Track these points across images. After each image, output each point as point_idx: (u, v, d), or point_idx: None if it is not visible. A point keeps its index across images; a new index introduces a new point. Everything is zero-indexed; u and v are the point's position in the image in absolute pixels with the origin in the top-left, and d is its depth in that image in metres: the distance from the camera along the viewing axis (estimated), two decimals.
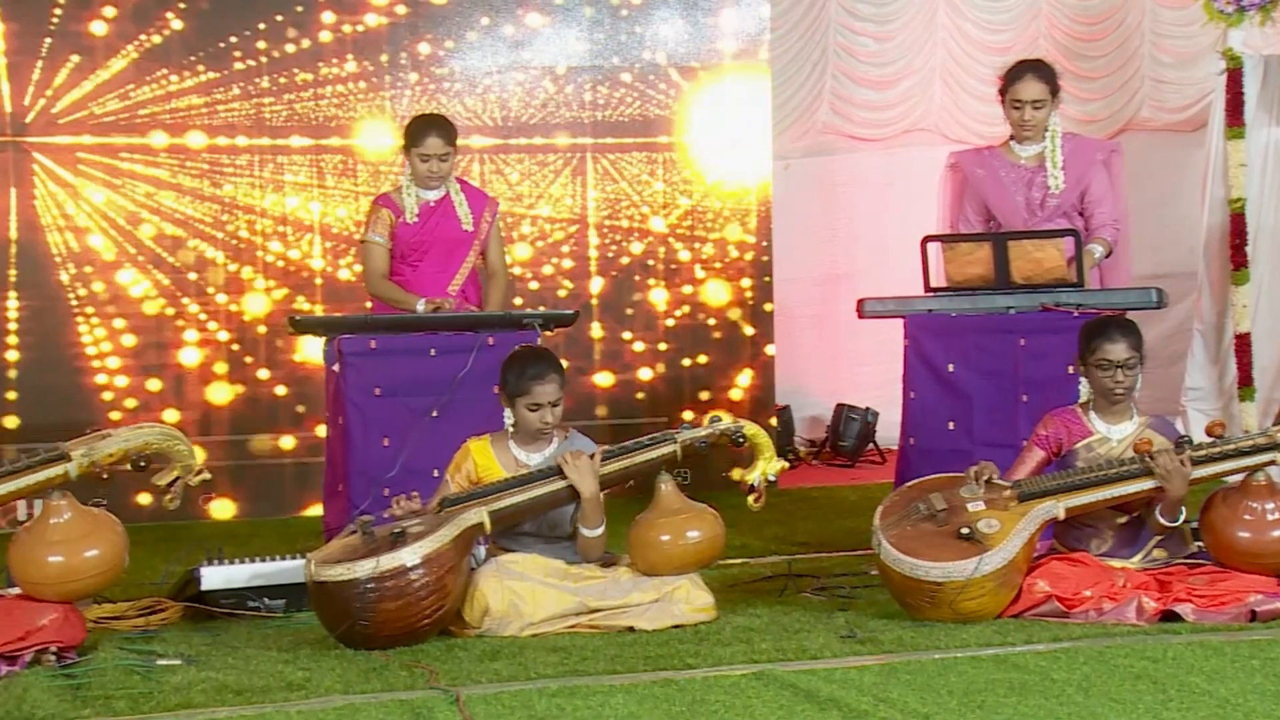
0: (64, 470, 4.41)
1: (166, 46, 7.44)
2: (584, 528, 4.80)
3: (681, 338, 8.12)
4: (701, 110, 8.11)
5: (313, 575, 4.49)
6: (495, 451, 4.94)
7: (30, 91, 7.27)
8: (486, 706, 3.77)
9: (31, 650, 4.24)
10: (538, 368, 4.87)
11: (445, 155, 5.96)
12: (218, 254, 7.53)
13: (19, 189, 7.28)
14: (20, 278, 7.28)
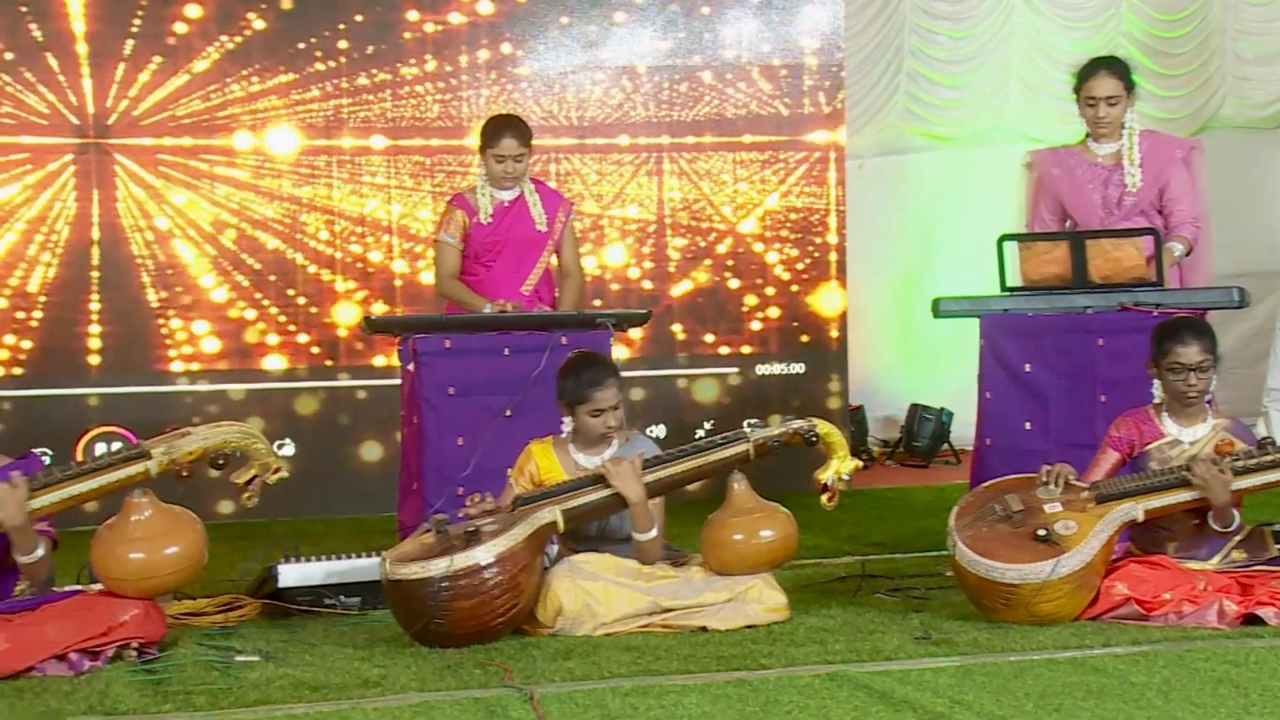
0: (145, 468, 4.46)
1: (248, 47, 7.52)
2: (635, 532, 4.80)
3: (756, 337, 8.10)
4: (777, 109, 8.10)
5: (388, 573, 4.52)
6: (557, 453, 4.95)
7: (113, 93, 7.37)
8: (560, 705, 3.77)
9: (113, 646, 4.29)
10: (594, 373, 4.88)
11: (520, 156, 5.99)
12: (297, 255, 7.61)
13: (101, 191, 7.38)
14: (102, 279, 7.39)
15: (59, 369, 7.32)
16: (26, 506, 4.30)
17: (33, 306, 7.30)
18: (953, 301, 5.87)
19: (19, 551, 4.34)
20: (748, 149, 8.08)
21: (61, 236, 7.34)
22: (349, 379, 7.65)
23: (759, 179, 8.10)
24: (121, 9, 7.36)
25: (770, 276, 8.13)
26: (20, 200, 7.30)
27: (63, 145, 7.33)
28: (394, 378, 6.33)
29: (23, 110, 7.27)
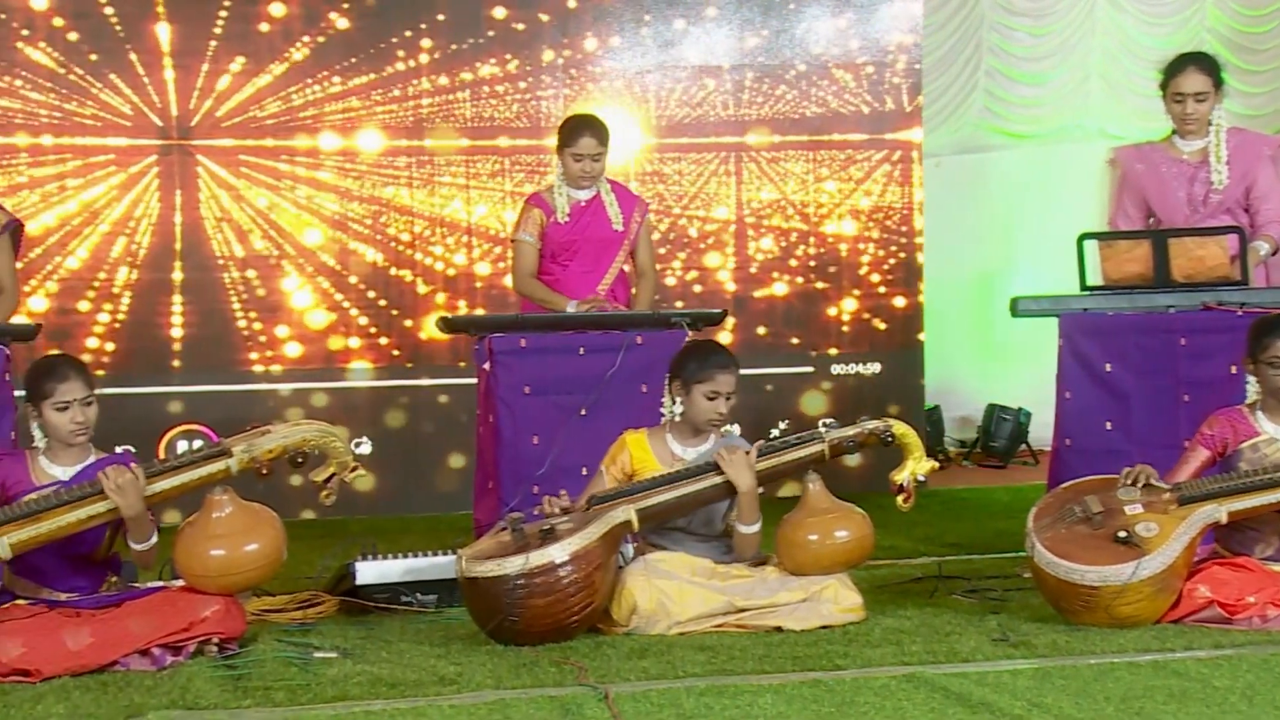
0: (226, 465, 4.51)
1: (329, 47, 7.58)
2: (740, 524, 4.78)
3: (832, 337, 8.07)
4: (856, 107, 8.06)
5: (464, 571, 4.55)
6: (652, 445, 4.95)
7: (195, 94, 7.46)
8: (635, 704, 3.78)
9: (195, 641, 4.34)
10: (722, 357, 4.89)
11: (598, 155, 6.00)
12: (377, 256, 7.67)
13: (184, 191, 7.48)
14: (185, 279, 7.48)
15: (142, 368, 7.42)
16: (145, 492, 4.38)
17: (116, 308, 7.41)
18: (1031, 301, 5.81)
19: (135, 539, 4.42)
20: (827, 148, 8.05)
21: (145, 238, 7.44)
22: (426, 377, 7.70)
23: (838, 178, 8.06)
24: (205, 9, 7.44)
25: (848, 276, 8.09)
26: (104, 202, 7.40)
27: (146, 146, 7.42)
28: (471, 377, 6.37)
29: (108, 112, 7.37)
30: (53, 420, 4.48)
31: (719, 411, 4.87)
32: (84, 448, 4.56)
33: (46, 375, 4.49)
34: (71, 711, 3.80)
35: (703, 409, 4.87)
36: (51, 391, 4.46)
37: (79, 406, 4.48)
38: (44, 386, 4.47)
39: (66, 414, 4.47)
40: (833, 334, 8.07)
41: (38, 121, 7.30)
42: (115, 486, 4.34)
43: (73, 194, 7.36)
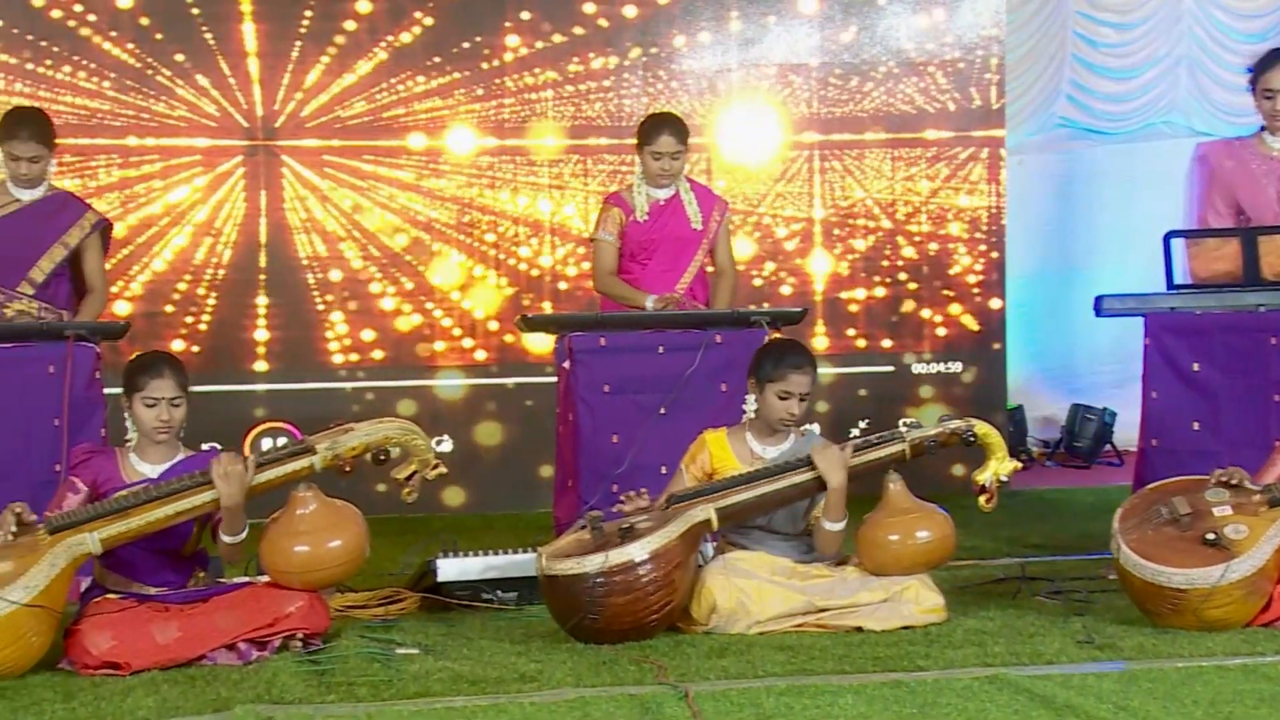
0: (309, 463, 4.55)
1: (414, 47, 7.63)
2: (827, 521, 4.76)
3: (912, 335, 8.02)
4: (935, 105, 8.01)
5: (544, 569, 4.56)
6: (732, 444, 4.94)
7: (280, 94, 7.53)
8: (715, 703, 3.77)
9: (280, 636, 4.39)
10: (797, 357, 4.86)
11: (678, 153, 6.00)
12: (459, 255, 7.71)
13: (269, 192, 7.56)
14: (269, 280, 7.56)
15: (227, 366, 7.51)
16: (249, 486, 4.43)
17: (202, 308, 7.50)
18: (1117, 300, 5.74)
19: (229, 531, 4.47)
20: (910, 146, 8.00)
21: (230, 238, 7.53)
22: (507, 377, 7.74)
23: (919, 176, 8.01)
24: (291, 8, 7.51)
25: (929, 274, 8.04)
26: (190, 203, 7.50)
27: (232, 147, 7.51)
28: (551, 376, 6.39)
29: (194, 112, 7.47)
30: (140, 415, 4.55)
31: (790, 412, 4.85)
32: (173, 446, 4.62)
33: (141, 370, 4.57)
34: (160, 704, 3.86)
35: (775, 408, 4.85)
36: (143, 386, 4.53)
37: (166, 405, 4.54)
38: (137, 380, 4.55)
39: (153, 411, 4.54)
40: (915, 333, 8.02)
41: (125, 122, 7.40)
42: (223, 473, 4.40)
43: (159, 195, 7.46)
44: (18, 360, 5.30)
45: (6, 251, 5.69)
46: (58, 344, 5.29)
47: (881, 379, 8.00)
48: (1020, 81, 9.06)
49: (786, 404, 4.84)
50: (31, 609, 4.13)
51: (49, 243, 5.72)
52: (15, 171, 5.65)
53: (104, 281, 5.92)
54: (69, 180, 7.07)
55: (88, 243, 5.81)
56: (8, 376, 5.27)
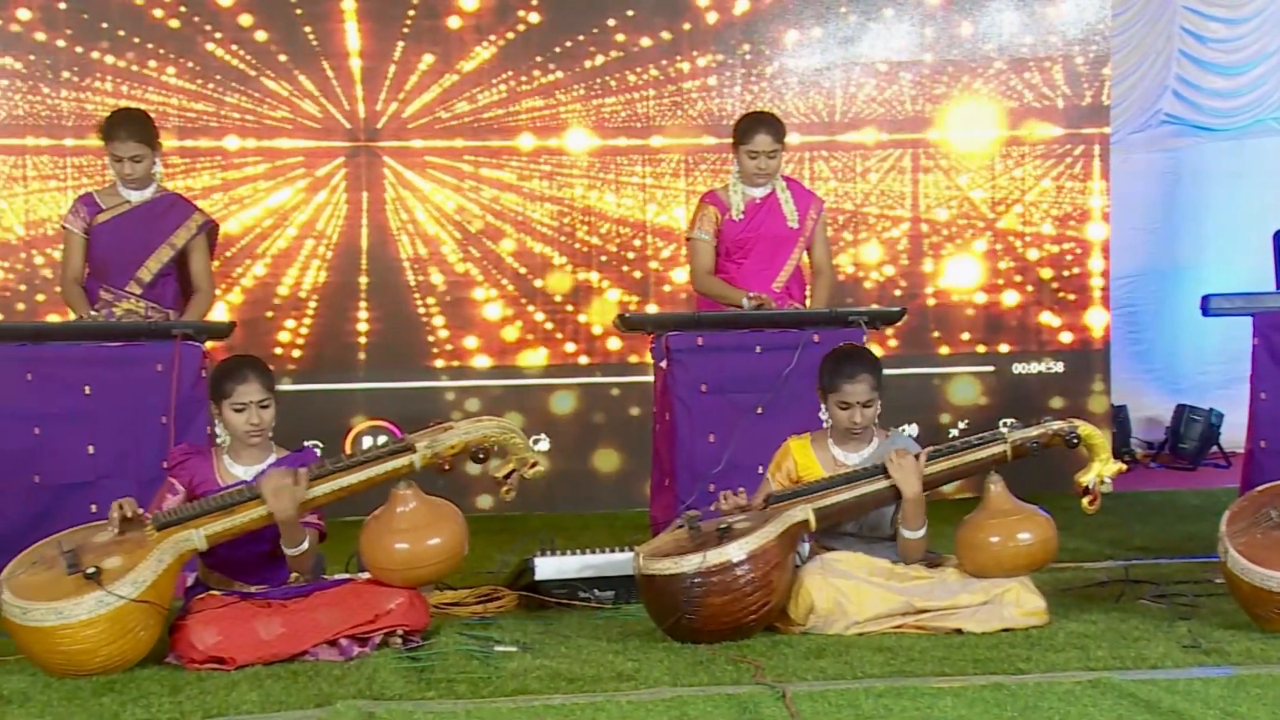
0: (409, 461, 4.60)
1: (517, 45, 7.62)
2: (905, 529, 4.74)
3: (1013, 335, 7.93)
4: (1040, 101, 7.91)
5: (641, 568, 4.57)
6: (815, 450, 4.92)
7: (383, 95, 7.58)
8: (813, 704, 3.76)
9: (380, 633, 4.44)
10: (851, 366, 4.83)
11: (774, 152, 5.99)
12: (556, 254, 7.73)
13: (370, 193, 7.63)
14: (370, 281, 7.62)
15: (328, 365, 7.59)
16: (302, 500, 4.48)
17: (304, 308, 7.57)
18: (1224, 299, 5.63)
19: (286, 544, 4.53)
20: (1008, 143, 7.91)
21: (332, 240, 7.61)
22: (604, 376, 7.76)
23: (1019, 173, 7.92)
24: (394, 8, 7.55)
25: (1030, 273, 7.94)
26: (293, 205, 7.59)
27: (334, 149, 7.58)
28: (648, 375, 6.40)
29: (297, 114, 7.55)
30: (230, 420, 4.61)
31: (853, 420, 4.82)
32: (265, 447, 4.68)
33: (226, 376, 4.62)
34: (264, 699, 3.92)
35: (838, 418, 4.85)
36: (230, 392, 4.59)
37: (255, 408, 4.60)
38: (223, 386, 4.61)
39: (243, 415, 4.59)
40: (1015, 332, 7.93)
41: (229, 124, 7.50)
42: (273, 490, 4.44)
43: (262, 197, 7.56)
44: (126, 359, 5.41)
45: (116, 252, 5.82)
46: (165, 343, 5.40)
47: (984, 379, 7.92)
48: (1126, 77, 8.92)
49: (848, 413, 4.82)
50: (139, 604, 4.21)
51: (157, 243, 5.84)
52: (120, 172, 5.77)
53: (210, 281, 6.02)
54: (173, 183, 7.19)
55: (194, 243, 5.91)
56: (117, 375, 5.38)
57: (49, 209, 7.31)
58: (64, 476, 5.32)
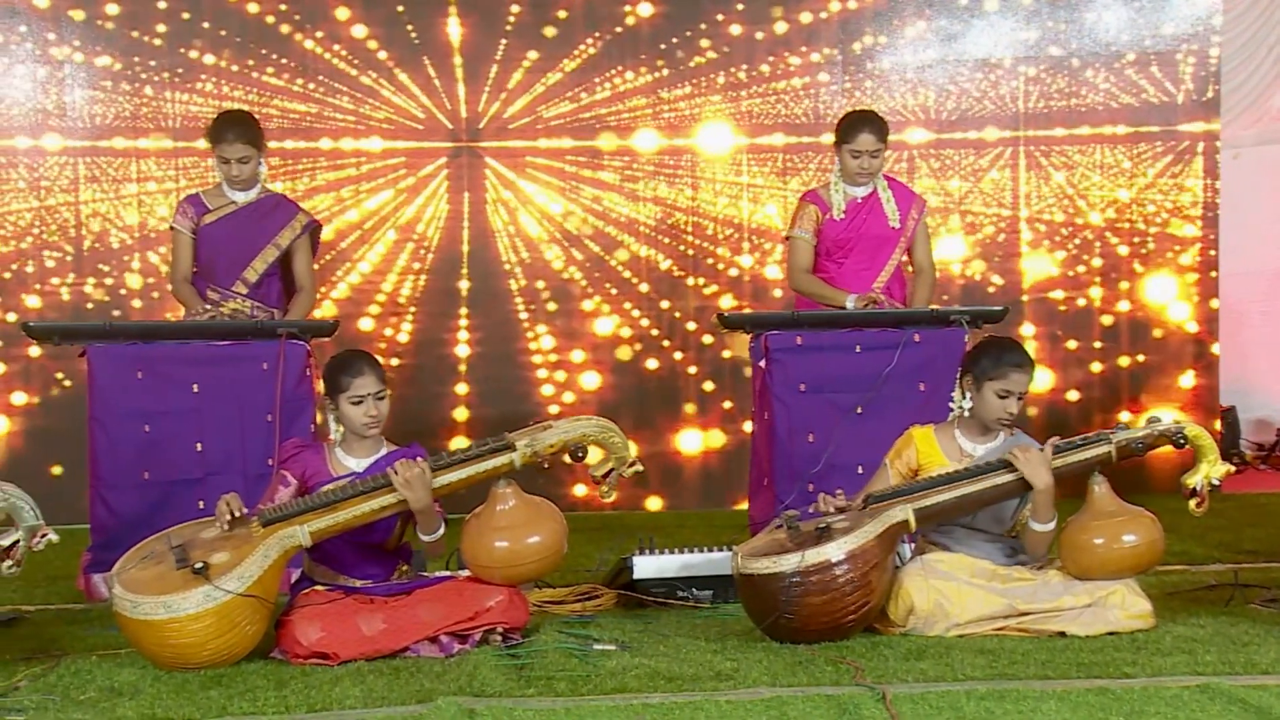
0: (509, 459, 4.63)
1: (618, 45, 7.65)
2: (1035, 522, 4.66)
3: (1118, 336, 7.81)
4: (1146, 98, 7.79)
5: (739, 568, 4.56)
6: (939, 440, 4.86)
7: (484, 95, 7.62)
8: (913, 706, 3.73)
9: (480, 630, 4.47)
10: (1018, 355, 4.77)
11: (876, 151, 5.95)
12: (655, 254, 7.74)
13: (471, 194, 7.68)
14: (471, 280, 7.68)
15: (429, 364, 7.65)
16: (432, 486, 4.54)
17: (405, 309, 7.64)
18: None
19: (424, 530, 4.58)
20: (1113, 140, 7.80)
21: (433, 243, 7.67)
22: (701, 375, 7.76)
23: (1125, 171, 7.81)
24: (497, 6, 7.59)
25: (1134, 271, 7.82)
26: (393, 207, 7.66)
27: (436, 149, 7.64)
28: (745, 374, 6.39)
29: (399, 115, 7.62)
30: (348, 414, 4.67)
31: (1009, 410, 4.76)
32: (376, 441, 4.74)
33: (342, 370, 4.68)
34: (366, 694, 3.96)
35: (993, 407, 4.76)
36: (347, 386, 4.65)
37: (372, 400, 4.66)
38: (340, 381, 4.67)
39: (360, 408, 4.65)
40: (1124, 332, 7.81)
41: (331, 125, 7.59)
42: (404, 480, 4.50)
43: (365, 198, 7.64)
44: (233, 358, 5.50)
45: (222, 252, 5.91)
46: (270, 342, 5.48)
47: (1090, 379, 7.81)
48: (1237, 73, 8.75)
49: (1005, 403, 4.75)
50: (245, 599, 4.27)
51: (262, 243, 5.93)
52: (227, 173, 5.87)
53: (313, 281, 6.10)
54: (274, 184, 7.29)
55: (298, 244, 6.00)
56: (224, 373, 5.48)
57: (159, 210, 7.45)
58: (173, 473, 5.42)
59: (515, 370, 7.69)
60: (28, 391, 7.42)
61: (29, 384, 7.43)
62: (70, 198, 7.45)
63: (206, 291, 5.91)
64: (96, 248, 7.48)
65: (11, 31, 7.39)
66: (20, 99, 7.43)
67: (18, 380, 7.42)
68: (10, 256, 7.43)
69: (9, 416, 7.43)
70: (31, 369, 7.40)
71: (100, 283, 7.46)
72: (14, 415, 7.43)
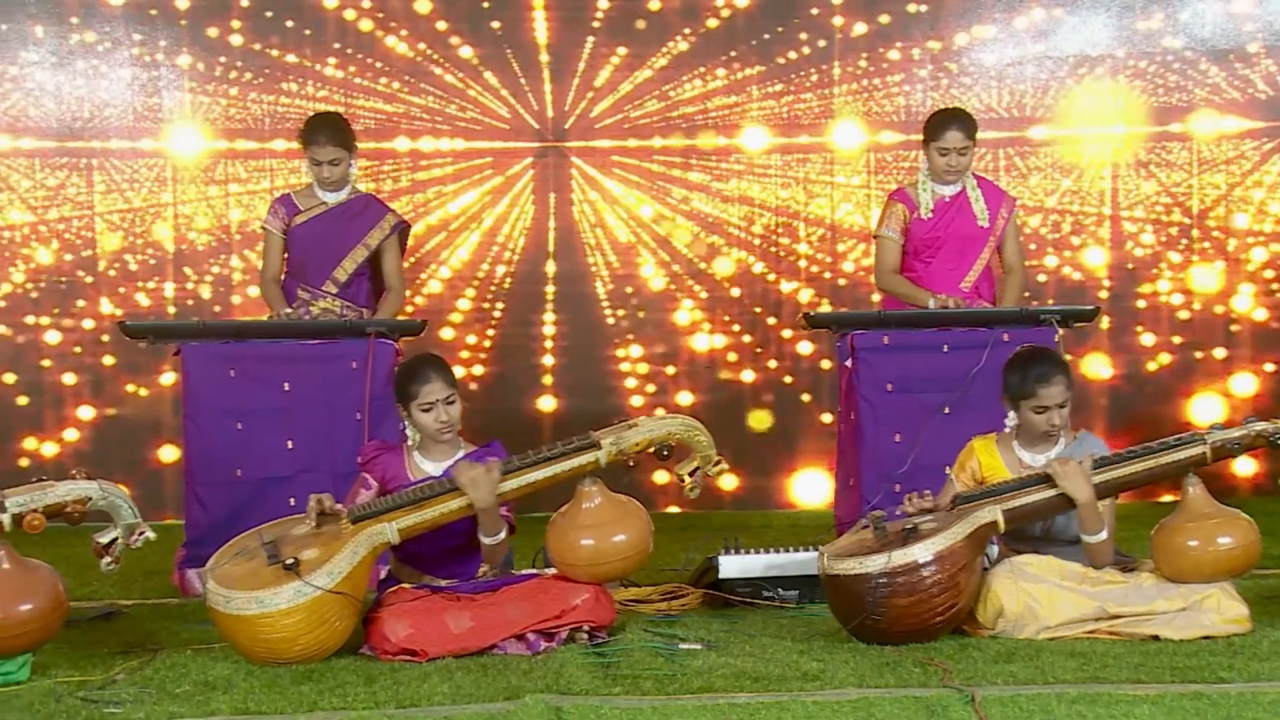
0: (595, 458, 4.64)
1: (707, 42, 7.60)
2: (1084, 534, 4.62)
3: (1223, 336, 7.68)
4: (1241, 94, 7.65)
5: (825, 568, 4.54)
6: (1000, 451, 4.83)
7: (571, 94, 7.60)
8: (1002, 709, 3.69)
9: (567, 628, 4.49)
10: (1042, 369, 4.72)
11: (965, 149, 5.90)
12: (742, 252, 7.71)
13: (557, 194, 7.68)
14: (558, 289, 7.68)
15: (516, 363, 7.67)
16: (497, 489, 4.56)
17: (492, 308, 7.66)
18: None
19: (485, 532, 4.61)
20: (1208, 137, 7.67)
21: (518, 245, 7.68)
22: (788, 375, 7.72)
23: (1227, 168, 7.67)
24: (583, 4, 7.57)
25: (1242, 269, 7.69)
26: (478, 208, 7.67)
27: (522, 149, 7.65)
28: (832, 373, 6.36)
29: (485, 114, 7.63)
30: (420, 420, 4.69)
31: (1051, 423, 4.71)
32: (454, 443, 4.76)
33: (410, 378, 4.71)
34: (454, 691, 3.99)
35: (1034, 423, 4.73)
36: (416, 394, 4.68)
37: (442, 406, 4.68)
38: (408, 389, 4.69)
39: (431, 414, 4.68)
40: (1220, 332, 7.68)
41: (418, 125, 7.62)
42: (469, 479, 4.52)
43: (449, 199, 7.67)
44: (323, 356, 5.56)
45: (313, 252, 5.98)
46: (360, 341, 5.53)
47: (1185, 381, 7.69)
48: None
49: (1045, 417, 4.71)
50: (335, 595, 4.32)
51: (352, 243, 5.99)
52: (318, 175, 5.94)
53: (401, 281, 6.16)
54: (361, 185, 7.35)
55: (387, 244, 6.05)
56: (314, 372, 5.54)
57: (247, 210, 7.54)
58: (264, 471, 5.49)
59: (598, 363, 7.67)
60: (136, 383, 7.51)
61: (135, 378, 7.51)
62: (163, 198, 7.55)
63: (297, 291, 5.98)
64: (188, 248, 7.57)
65: (107, 36, 7.50)
66: (116, 101, 7.53)
67: (125, 374, 7.51)
68: (105, 257, 7.55)
69: (113, 409, 7.52)
70: (134, 365, 7.49)
71: (192, 282, 7.55)
72: (117, 409, 7.52)
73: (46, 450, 7.48)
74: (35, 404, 7.50)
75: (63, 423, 7.51)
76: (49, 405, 7.50)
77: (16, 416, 7.49)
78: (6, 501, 4.19)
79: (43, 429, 7.50)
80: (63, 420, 7.51)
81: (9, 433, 7.48)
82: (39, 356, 7.51)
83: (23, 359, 7.50)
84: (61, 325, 7.51)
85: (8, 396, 7.49)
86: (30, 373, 7.51)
